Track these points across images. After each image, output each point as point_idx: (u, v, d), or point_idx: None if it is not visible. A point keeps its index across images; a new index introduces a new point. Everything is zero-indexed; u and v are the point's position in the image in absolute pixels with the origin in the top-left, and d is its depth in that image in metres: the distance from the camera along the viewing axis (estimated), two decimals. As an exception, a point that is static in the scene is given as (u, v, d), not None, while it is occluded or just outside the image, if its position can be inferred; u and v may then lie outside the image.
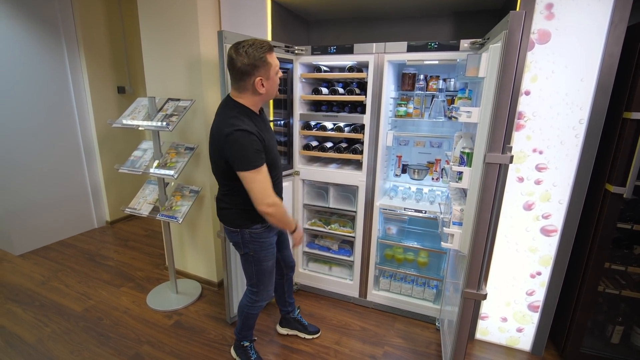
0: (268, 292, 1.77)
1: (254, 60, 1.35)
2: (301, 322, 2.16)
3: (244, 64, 1.35)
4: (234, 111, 1.42)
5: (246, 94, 1.44)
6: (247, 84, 1.40)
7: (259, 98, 1.46)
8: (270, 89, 1.46)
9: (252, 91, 1.42)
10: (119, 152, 3.67)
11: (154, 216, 2.30)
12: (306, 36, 2.74)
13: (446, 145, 2.40)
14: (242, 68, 1.35)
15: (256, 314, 1.83)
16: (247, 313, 1.80)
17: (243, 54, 1.34)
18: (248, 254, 1.65)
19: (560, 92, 1.71)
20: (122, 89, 3.62)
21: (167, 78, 2.38)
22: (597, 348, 1.94)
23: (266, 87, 1.42)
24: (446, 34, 2.40)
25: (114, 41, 3.51)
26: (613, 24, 1.57)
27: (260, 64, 1.36)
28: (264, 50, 1.36)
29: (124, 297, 2.52)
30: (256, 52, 1.34)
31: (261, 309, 1.84)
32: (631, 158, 1.63)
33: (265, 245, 1.65)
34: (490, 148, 1.34)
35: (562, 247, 1.86)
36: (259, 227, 1.61)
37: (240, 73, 1.37)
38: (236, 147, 1.35)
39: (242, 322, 1.85)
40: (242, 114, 1.42)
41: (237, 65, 1.35)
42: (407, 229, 2.45)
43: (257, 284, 1.73)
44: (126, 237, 3.54)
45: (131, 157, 2.37)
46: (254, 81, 1.39)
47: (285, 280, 2.04)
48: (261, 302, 1.78)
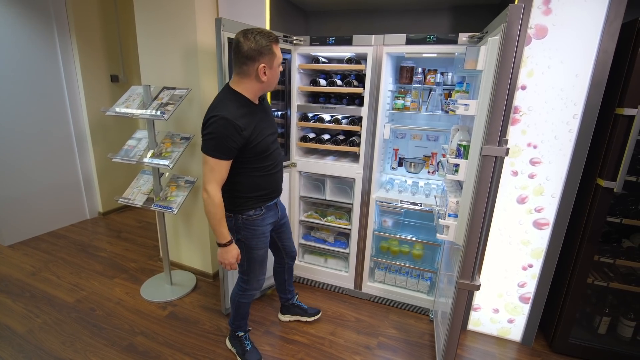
0: (258, 281, 1.79)
1: (260, 46, 1.38)
2: (301, 307, 2.19)
3: (251, 49, 1.37)
4: (225, 97, 1.46)
5: (247, 80, 1.45)
6: (251, 69, 1.42)
7: (259, 87, 1.48)
8: (272, 79, 1.48)
9: (254, 77, 1.44)
10: (112, 141, 3.62)
11: (149, 207, 2.28)
12: (304, 27, 2.72)
13: (443, 139, 2.42)
14: (248, 52, 1.38)
15: (247, 302, 1.84)
16: (239, 302, 1.82)
17: (251, 39, 1.37)
18: (240, 240, 1.66)
19: (555, 87, 1.73)
20: (116, 77, 3.56)
21: (162, 66, 2.35)
22: (585, 338, 1.99)
23: (268, 75, 1.45)
24: (445, 28, 2.41)
25: (107, 28, 3.44)
26: (608, 20, 1.59)
27: (265, 52, 1.40)
28: (270, 39, 1.40)
29: (117, 289, 2.50)
30: (263, 39, 1.38)
31: (252, 298, 1.85)
32: (622, 153, 1.66)
33: (257, 233, 1.66)
34: (486, 140, 1.36)
35: (553, 240, 1.90)
36: (251, 214, 1.62)
37: (245, 57, 1.39)
38: (209, 130, 1.39)
39: (234, 311, 1.86)
40: (232, 101, 1.44)
41: (244, 49, 1.38)
42: (403, 221, 2.48)
43: (247, 272, 1.74)
44: (119, 228, 3.50)
45: (125, 147, 2.34)
46: (257, 67, 1.41)
47: (286, 269, 2.07)
48: (252, 291, 1.79)
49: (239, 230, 1.64)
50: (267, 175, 1.60)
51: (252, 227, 1.64)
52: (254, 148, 1.48)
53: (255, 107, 1.52)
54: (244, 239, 1.66)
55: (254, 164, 1.54)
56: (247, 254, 1.69)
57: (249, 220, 1.63)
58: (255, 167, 1.55)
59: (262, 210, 1.65)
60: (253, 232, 1.65)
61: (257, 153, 1.51)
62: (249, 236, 1.65)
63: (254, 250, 1.69)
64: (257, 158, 1.53)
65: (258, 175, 1.57)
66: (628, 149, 1.64)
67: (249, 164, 1.53)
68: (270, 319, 2.24)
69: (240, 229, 1.64)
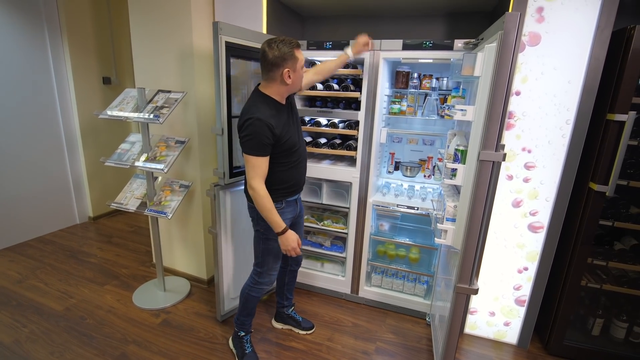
0: (271, 276, 1.84)
1: (283, 54, 1.50)
2: (295, 319, 2.16)
3: (275, 57, 1.50)
4: (256, 100, 1.59)
5: (274, 84, 1.58)
6: (276, 74, 1.54)
7: (285, 88, 1.60)
8: (296, 80, 1.61)
9: (280, 81, 1.57)
10: (104, 144, 3.55)
11: (142, 211, 2.24)
12: (300, 31, 2.73)
13: (438, 143, 2.45)
14: (273, 60, 1.51)
15: (257, 297, 1.87)
16: (248, 294, 1.85)
17: (275, 47, 1.50)
18: (259, 231, 1.76)
19: (548, 93, 1.77)
20: (108, 79, 3.51)
21: (157, 69, 2.32)
22: (579, 340, 2.02)
23: (292, 78, 1.57)
24: (440, 34, 2.44)
25: (99, 30, 3.39)
26: (599, 28, 1.63)
27: (288, 58, 1.52)
28: (292, 46, 1.52)
29: (108, 296, 2.44)
30: (286, 47, 1.50)
31: (262, 294, 1.88)
32: (614, 158, 1.70)
33: None
34: (484, 145, 1.37)
35: (548, 243, 1.93)
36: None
37: (271, 64, 1.52)
38: (247, 132, 1.52)
39: (242, 305, 1.89)
40: (262, 103, 1.57)
41: (269, 57, 1.51)
42: (400, 225, 2.48)
43: (261, 264, 1.81)
44: (110, 233, 3.43)
45: (118, 150, 2.30)
46: (282, 72, 1.53)
47: (287, 272, 2.07)
48: (263, 286, 1.84)
49: (260, 221, 1.72)
50: (292, 170, 1.71)
51: None
52: (282, 145, 1.60)
53: (282, 107, 1.64)
54: (262, 230, 1.74)
55: (281, 159, 1.64)
56: (263, 245, 1.77)
57: None
58: (281, 162, 1.65)
59: (283, 204, 1.73)
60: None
61: (285, 149, 1.62)
62: (266, 227, 1.71)
63: (270, 242, 1.76)
64: (284, 154, 1.64)
65: (284, 169, 1.68)
66: (619, 153, 1.68)
67: (276, 159, 1.63)
68: (266, 325, 2.22)
69: (260, 220, 1.72)
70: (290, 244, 1.66)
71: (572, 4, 1.64)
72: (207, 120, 2.37)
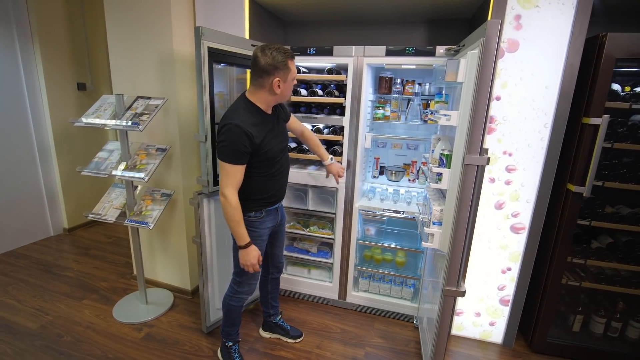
0: (251, 285, 1.80)
1: (276, 62, 1.46)
2: (283, 327, 2.13)
3: (267, 64, 1.45)
4: (239, 106, 1.55)
5: (262, 92, 1.53)
6: (266, 82, 1.50)
7: (272, 98, 1.56)
8: (285, 91, 1.56)
9: (268, 89, 1.52)
10: (79, 153, 3.42)
11: (122, 222, 2.16)
12: (283, 37, 2.72)
13: (422, 148, 2.48)
14: (265, 67, 1.46)
15: (238, 307, 1.83)
16: (229, 304, 1.81)
17: (268, 54, 1.45)
18: None
19: (527, 98, 1.82)
20: (83, 85, 3.38)
21: (136, 75, 2.26)
22: (561, 337, 2.08)
23: (282, 88, 1.52)
24: (421, 40, 2.49)
25: (73, 34, 3.26)
26: (573, 35, 1.70)
27: (281, 67, 1.48)
28: (286, 55, 1.48)
29: (87, 311, 2.33)
30: (280, 55, 1.46)
31: (243, 303, 1.84)
32: (590, 160, 1.77)
33: (255, 235, 1.69)
34: (468, 150, 1.40)
35: (529, 243, 1.98)
36: (251, 215, 1.67)
37: (261, 71, 1.47)
38: (223, 137, 1.48)
39: (225, 316, 1.86)
40: (245, 109, 1.53)
41: (261, 63, 1.46)
42: (386, 229, 2.50)
43: (240, 273, 1.76)
44: (87, 245, 3.29)
45: (95, 159, 2.21)
46: (272, 81, 1.49)
47: (269, 280, 2.03)
48: (243, 295, 1.80)
49: None
50: (272, 180, 1.67)
51: (250, 228, 1.66)
52: (263, 155, 1.56)
53: (267, 116, 1.60)
54: None
55: (261, 169, 1.60)
56: None
57: (248, 222, 1.66)
58: (261, 172, 1.61)
59: (262, 213, 1.70)
60: (251, 234, 1.66)
61: (265, 160, 1.59)
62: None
63: None
64: (265, 164, 1.60)
65: (263, 180, 1.64)
66: (595, 155, 1.74)
67: (257, 168, 1.59)
68: (253, 335, 2.17)
69: None
70: (250, 259, 1.60)
71: (548, 12, 1.70)
72: (189, 127, 2.32)
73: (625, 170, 1.83)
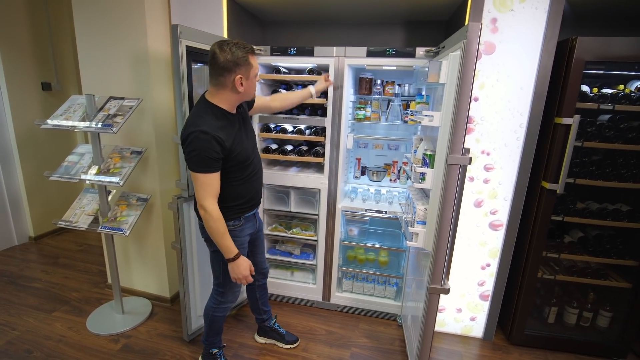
0: (234, 293, 1.75)
1: (236, 58, 1.37)
2: (279, 332, 2.10)
3: (227, 60, 1.37)
4: (201, 110, 1.45)
5: (224, 92, 1.44)
6: (227, 80, 1.41)
7: (236, 97, 1.47)
8: (249, 89, 1.48)
9: (230, 88, 1.43)
10: (45, 157, 3.22)
11: (95, 229, 2.05)
12: (262, 36, 2.67)
13: (403, 148, 2.51)
14: (225, 64, 1.37)
15: (222, 316, 1.77)
16: (213, 316, 1.75)
17: (227, 50, 1.36)
18: (217, 251, 1.59)
19: (503, 99, 1.88)
20: (48, 85, 3.18)
21: (107, 74, 2.15)
22: (538, 328, 2.16)
23: (245, 86, 1.44)
24: (399, 41, 2.51)
25: (36, 31, 3.07)
26: (546, 39, 1.77)
27: (242, 63, 1.39)
28: (247, 50, 1.40)
29: (58, 324, 2.20)
30: (239, 51, 1.37)
31: (227, 312, 1.79)
32: (562, 158, 1.84)
33: (236, 244, 1.59)
34: (451, 150, 1.42)
35: (507, 239, 2.04)
36: (230, 225, 1.57)
37: (221, 69, 1.38)
38: (192, 147, 1.38)
39: (208, 326, 1.79)
40: (208, 114, 1.43)
41: (220, 60, 1.37)
42: (368, 229, 2.51)
43: (223, 284, 1.70)
44: (56, 253, 3.11)
45: (65, 163, 2.09)
46: (234, 78, 1.40)
47: (256, 287, 1.98)
48: (227, 304, 1.74)
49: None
50: (247, 184, 1.60)
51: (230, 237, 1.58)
52: (235, 158, 1.48)
53: (233, 116, 1.52)
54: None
55: (235, 173, 1.53)
56: (225, 266, 1.61)
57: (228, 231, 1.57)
58: (236, 176, 1.54)
59: (241, 220, 1.63)
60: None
61: (238, 163, 1.51)
62: None
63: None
64: (238, 167, 1.52)
65: (239, 184, 1.56)
66: (567, 154, 1.82)
67: (230, 173, 1.51)
68: (238, 340, 2.12)
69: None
70: (242, 272, 1.53)
71: (522, 16, 1.75)
72: (166, 129, 2.24)
73: (594, 167, 1.93)
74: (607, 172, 1.92)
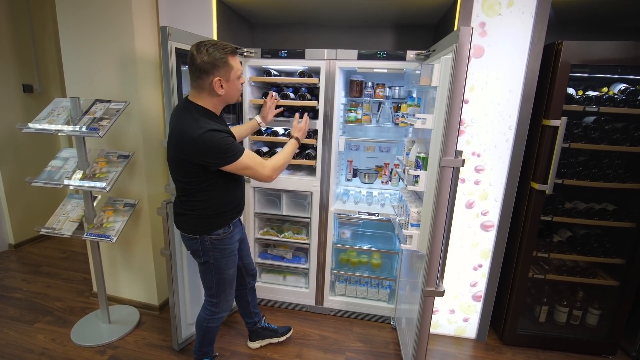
0: (228, 302, 1.72)
1: (214, 59, 1.32)
2: (270, 328, 2.09)
3: (204, 62, 1.32)
4: (195, 113, 1.38)
5: (204, 95, 1.40)
6: (205, 83, 1.36)
7: (217, 100, 1.43)
8: (230, 92, 1.43)
9: (209, 92, 1.39)
10: (26, 161, 3.11)
11: (80, 236, 1.98)
12: (250, 39, 2.65)
13: (394, 150, 2.52)
14: (202, 66, 1.32)
15: (216, 327, 1.74)
16: (207, 327, 1.71)
17: (204, 52, 1.31)
18: (208, 262, 1.57)
19: (493, 101, 1.90)
20: (29, 87, 3.08)
21: (93, 76, 2.09)
22: (529, 328, 2.18)
23: (225, 89, 1.39)
24: (390, 44, 2.53)
25: (17, 31, 2.97)
26: (533, 42, 1.80)
27: (220, 64, 1.34)
28: (226, 51, 1.35)
29: (40, 335, 2.11)
30: (217, 52, 1.33)
31: (221, 321, 1.75)
32: (551, 159, 1.88)
33: (227, 252, 1.59)
34: (444, 152, 1.43)
35: (498, 240, 2.06)
36: (220, 233, 1.55)
37: (199, 71, 1.34)
38: (211, 146, 1.33)
39: (201, 337, 1.74)
40: (203, 116, 1.39)
41: (197, 62, 1.32)
42: (361, 232, 2.50)
43: (217, 294, 1.65)
44: (37, 261, 3.00)
45: (48, 168, 2.01)
46: (212, 81, 1.35)
47: (248, 290, 1.96)
48: (221, 314, 1.71)
49: (207, 252, 1.55)
50: (237, 187, 1.58)
51: (221, 246, 1.56)
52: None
53: (218, 119, 1.49)
54: (213, 260, 1.57)
55: (229, 175, 1.48)
56: (217, 276, 1.60)
57: (218, 240, 1.55)
58: (230, 178, 1.50)
59: (231, 227, 1.59)
60: (222, 252, 1.57)
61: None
62: (218, 257, 1.57)
63: (224, 271, 1.61)
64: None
65: (232, 187, 1.54)
66: (555, 155, 1.86)
67: (226, 175, 1.46)
68: (229, 348, 2.08)
69: (208, 251, 1.55)
70: (304, 128, 1.70)
71: (509, 20, 1.79)
72: (154, 132, 2.19)
73: (581, 168, 1.97)
74: (593, 172, 1.96)
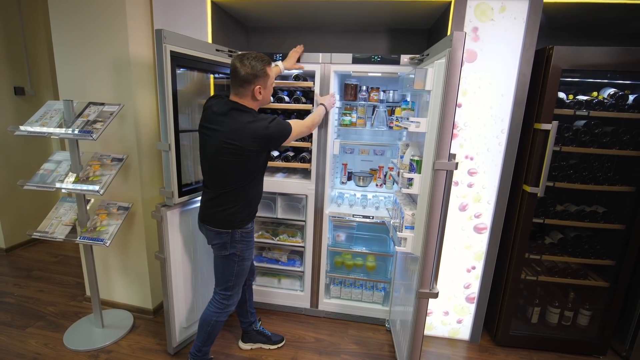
0: (239, 294, 1.82)
1: (256, 71, 1.51)
2: (264, 334, 2.09)
3: (248, 73, 1.51)
4: (252, 112, 1.58)
5: (245, 99, 1.58)
6: (248, 90, 1.55)
7: (256, 103, 1.62)
8: (266, 96, 1.64)
9: (251, 97, 1.57)
10: (17, 165, 3.08)
11: (73, 240, 1.97)
12: (246, 42, 2.65)
13: (389, 153, 2.53)
14: (245, 77, 1.51)
15: (223, 322, 1.80)
16: (216, 322, 1.76)
17: (247, 64, 1.50)
18: (234, 254, 1.69)
19: (485, 105, 1.93)
20: (21, 89, 3.05)
21: (86, 79, 2.08)
22: (522, 329, 2.21)
23: (263, 94, 1.59)
24: (384, 48, 2.55)
25: (8, 33, 2.94)
26: (525, 47, 1.83)
27: (260, 75, 1.53)
28: (264, 63, 1.54)
29: (32, 341, 2.09)
30: (258, 64, 1.52)
31: (228, 317, 1.81)
32: (542, 162, 1.91)
33: (251, 244, 1.76)
34: (438, 155, 1.44)
35: (491, 242, 2.09)
36: (249, 227, 1.72)
37: (242, 81, 1.53)
38: (279, 131, 1.59)
39: (206, 335, 1.78)
40: (254, 112, 1.60)
41: (241, 74, 1.51)
42: (355, 235, 2.51)
43: (233, 286, 1.75)
44: (29, 266, 2.96)
45: (40, 171, 1.99)
46: (253, 89, 1.54)
47: (247, 287, 1.99)
48: (231, 307, 1.79)
49: (235, 244, 1.67)
50: (262, 181, 1.75)
51: (248, 239, 1.72)
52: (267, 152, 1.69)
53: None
54: (239, 252, 1.69)
55: (263, 167, 1.69)
56: (239, 267, 1.72)
57: (247, 233, 1.71)
58: (263, 172, 1.71)
59: (252, 225, 1.75)
60: (247, 244, 1.72)
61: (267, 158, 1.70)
62: (244, 248, 1.70)
63: (245, 262, 1.74)
64: (265, 163, 1.69)
65: (261, 182, 1.73)
66: (547, 158, 1.89)
67: (263, 167, 1.68)
68: (224, 352, 2.07)
69: (236, 243, 1.67)
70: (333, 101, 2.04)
71: (502, 25, 1.81)
72: (148, 135, 2.18)
73: (572, 171, 2.00)
74: (583, 175, 1.99)
